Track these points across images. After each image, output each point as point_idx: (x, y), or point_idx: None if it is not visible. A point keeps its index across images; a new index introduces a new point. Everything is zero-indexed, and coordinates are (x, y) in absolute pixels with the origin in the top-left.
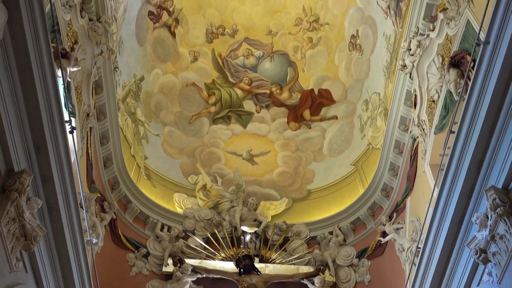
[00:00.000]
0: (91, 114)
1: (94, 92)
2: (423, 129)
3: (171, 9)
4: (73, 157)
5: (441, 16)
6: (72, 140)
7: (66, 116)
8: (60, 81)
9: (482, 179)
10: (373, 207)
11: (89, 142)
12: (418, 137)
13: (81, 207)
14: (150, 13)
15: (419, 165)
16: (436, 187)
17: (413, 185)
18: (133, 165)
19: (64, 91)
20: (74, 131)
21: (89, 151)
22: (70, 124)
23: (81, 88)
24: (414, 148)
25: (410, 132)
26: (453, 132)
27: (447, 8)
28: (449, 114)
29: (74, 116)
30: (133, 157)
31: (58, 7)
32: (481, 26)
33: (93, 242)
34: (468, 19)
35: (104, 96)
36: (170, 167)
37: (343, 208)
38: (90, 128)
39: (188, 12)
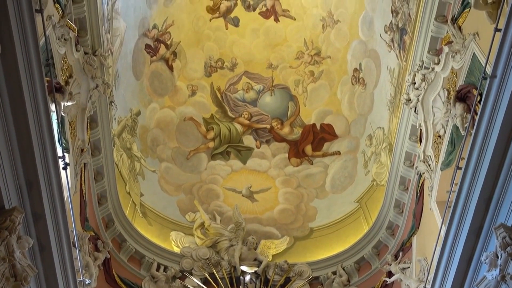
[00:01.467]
0: (85, 150)
1: (88, 127)
2: (429, 165)
3: (168, 42)
4: (66, 194)
5: (446, 49)
6: (66, 176)
7: (59, 152)
8: (53, 116)
9: (491, 216)
10: (378, 246)
11: (83, 178)
12: (424, 173)
13: (74, 246)
14: (147, 46)
15: (425, 202)
16: (443, 225)
17: (419, 223)
18: (129, 202)
19: (58, 126)
20: (68, 167)
21: (83, 188)
22: (64, 160)
23: (75, 123)
24: (420, 185)
25: (416, 168)
26: (460, 168)
27: (452, 41)
28: (455, 149)
29: (68, 152)
30: (128, 194)
31: (53, 40)
32: (487, 60)
33: (86, 282)
34: (474, 52)
35: (99, 131)
36: (167, 204)
37: (347, 247)
38: (84, 164)
39: (186, 45)
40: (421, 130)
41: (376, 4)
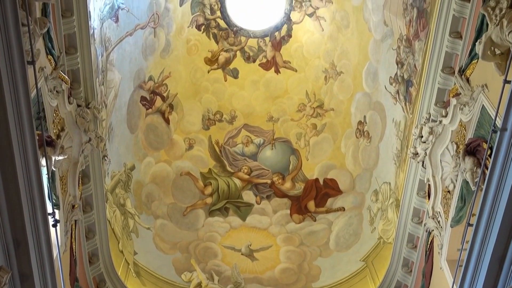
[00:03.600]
0: (76, 206)
1: (80, 182)
2: (439, 222)
3: (165, 95)
4: (55, 253)
5: (454, 101)
6: (55, 234)
7: (49, 209)
8: (44, 171)
9: (505, 276)
10: None
11: (73, 236)
12: (433, 230)
13: None
14: (143, 98)
15: (435, 261)
16: (454, 285)
17: (429, 282)
18: (121, 261)
19: (48, 182)
20: (58, 224)
21: (73, 246)
22: (54, 217)
23: (66, 178)
24: (429, 243)
25: (425, 225)
26: (471, 225)
27: (460, 93)
28: (466, 205)
29: (58, 208)
30: (121, 253)
31: (45, 93)
32: (497, 112)
33: None
34: (483, 105)
35: (91, 186)
36: (161, 264)
37: None
38: (75, 221)
39: (184, 98)
40: (429, 185)
41: (380, 55)
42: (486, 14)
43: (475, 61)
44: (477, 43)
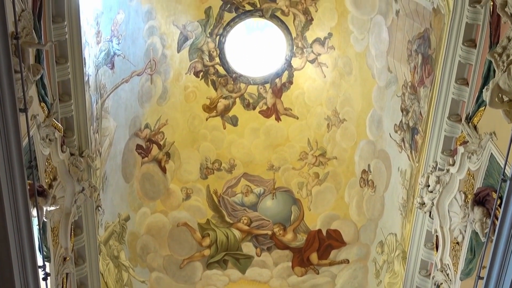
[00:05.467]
0: (68, 259)
1: (72, 233)
2: (447, 275)
3: (161, 143)
4: None
5: (461, 149)
6: None
7: (39, 261)
8: (35, 222)
9: None
10: None
11: None
12: (442, 283)
13: None
14: (139, 147)
15: None
16: None
17: None
18: None
19: (39, 233)
20: (48, 277)
21: None
22: (44, 270)
23: (58, 229)
24: None
25: (433, 278)
26: (482, 278)
27: (468, 141)
28: (476, 257)
29: (49, 261)
30: None
31: (37, 141)
32: (506, 161)
33: None
34: (491, 153)
35: (84, 238)
36: None
37: None
38: (67, 274)
39: (181, 146)
40: (437, 236)
41: (384, 103)
42: (493, 60)
43: (483, 108)
44: (484, 90)
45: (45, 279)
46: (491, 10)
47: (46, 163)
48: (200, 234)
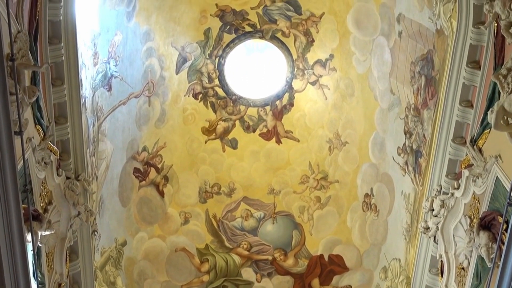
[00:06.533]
0: (63, 285)
1: (68, 259)
2: None
3: (159, 166)
4: None
5: (466, 173)
6: None
7: (34, 287)
8: (29, 247)
9: None
10: None
11: None
12: None
13: None
14: (136, 170)
15: None
16: None
17: None
18: None
19: (34, 258)
20: None
21: None
22: None
23: (53, 255)
24: None
25: None
26: None
27: (473, 164)
28: (482, 283)
29: (44, 287)
30: None
31: (32, 164)
32: None
33: None
34: (497, 176)
35: (79, 263)
36: None
37: None
38: None
39: (179, 169)
40: (442, 261)
41: (387, 125)
42: (497, 82)
43: (488, 130)
44: (489, 112)
45: None
46: (495, 31)
47: (41, 187)
48: (198, 259)
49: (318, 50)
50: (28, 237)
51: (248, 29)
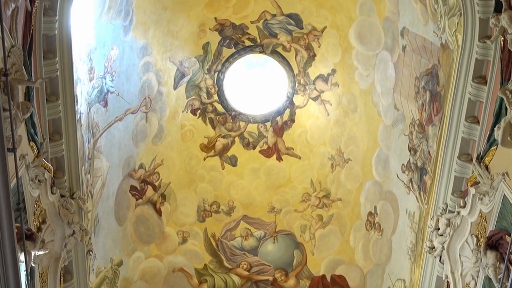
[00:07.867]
0: None
1: (62, 279)
2: None
3: (157, 184)
4: None
5: (472, 191)
6: None
7: None
8: (22, 267)
9: None
10: None
11: None
12: None
13: None
14: (133, 188)
15: None
16: None
17: None
18: None
19: (27, 279)
20: None
21: None
22: None
23: (47, 275)
24: None
25: None
26: None
27: (479, 182)
28: None
29: None
30: None
31: (26, 182)
32: None
33: None
34: (504, 194)
35: (74, 284)
36: None
37: None
38: None
39: (177, 187)
40: (448, 282)
41: (391, 141)
42: (504, 98)
43: (494, 147)
44: (495, 129)
45: None
46: (502, 45)
47: (35, 205)
48: (197, 280)
49: (320, 65)
50: (21, 257)
51: (248, 43)
